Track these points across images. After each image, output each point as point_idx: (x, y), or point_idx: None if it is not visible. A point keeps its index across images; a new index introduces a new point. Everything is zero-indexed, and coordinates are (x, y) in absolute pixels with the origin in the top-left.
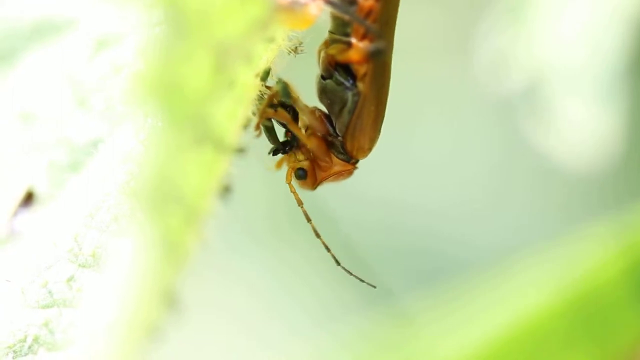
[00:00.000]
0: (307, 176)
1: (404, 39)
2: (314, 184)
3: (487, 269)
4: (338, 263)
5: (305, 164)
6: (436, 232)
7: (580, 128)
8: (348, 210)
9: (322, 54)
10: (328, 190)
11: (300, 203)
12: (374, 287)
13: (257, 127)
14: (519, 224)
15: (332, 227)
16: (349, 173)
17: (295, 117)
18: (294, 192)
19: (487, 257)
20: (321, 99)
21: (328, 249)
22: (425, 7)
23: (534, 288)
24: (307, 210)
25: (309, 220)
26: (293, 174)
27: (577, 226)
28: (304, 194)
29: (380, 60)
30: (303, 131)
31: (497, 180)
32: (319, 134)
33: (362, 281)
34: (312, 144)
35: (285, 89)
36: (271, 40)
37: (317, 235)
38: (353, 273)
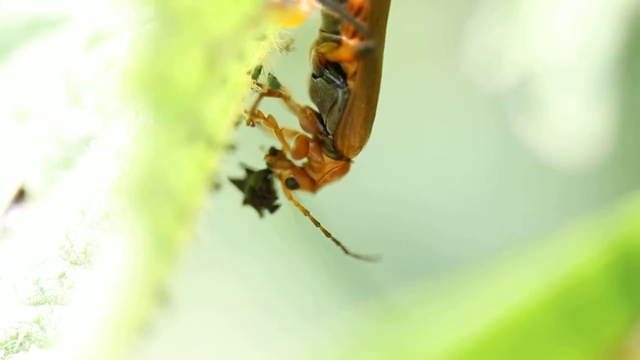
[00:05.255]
0: (300, 183)
1: (399, 39)
2: (313, 187)
3: (479, 265)
4: (347, 252)
5: (288, 173)
6: (430, 229)
7: (571, 124)
8: (342, 203)
9: (313, 52)
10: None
11: (306, 213)
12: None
13: (249, 123)
14: (513, 222)
15: (326, 220)
16: (345, 169)
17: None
18: (298, 205)
19: (480, 255)
20: (312, 98)
21: (338, 243)
22: (418, 7)
23: (522, 283)
24: (303, 202)
25: (317, 224)
26: (287, 187)
27: (567, 222)
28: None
29: (370, 59)
30: (290, 140)
31: (492, 178)
32: (309, 133)
33: (369, 259)
34: (296, 146)
35: (275, 80)
36: (263, 37)
37: (328, 235)
38: (362, 257)
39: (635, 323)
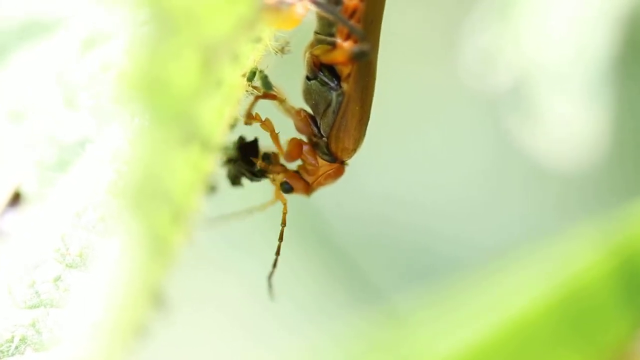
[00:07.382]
0: (294, 186)
1: (396, 41)
2: (307, 190)
3: (479, 268)
4: (269, 278)
5: (282, 177)
6: (429, 230)
7: (566, 126)
8: (341, 205)
9: (307, 54)
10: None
11: (284, 223)
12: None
13: (246, 122)
14: (511, 223)
15: (324, 222)
16: (339, 172)
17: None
18: (284, 213)
19: (478, 255)
20: (306, 100)
21: (274, 265)
22: (412, 9)
23: (524, 287)
24: (302, 202)
25: (280, 240)
26: (281, 190)
27: (568, 225)
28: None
29: (364, 61)
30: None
31: (489, 179)
32: (304, 136)
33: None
34: (289, 148)
35: (267, 79)
36: (258, 40)
37: (277, 253)
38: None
39: (638, 328)
